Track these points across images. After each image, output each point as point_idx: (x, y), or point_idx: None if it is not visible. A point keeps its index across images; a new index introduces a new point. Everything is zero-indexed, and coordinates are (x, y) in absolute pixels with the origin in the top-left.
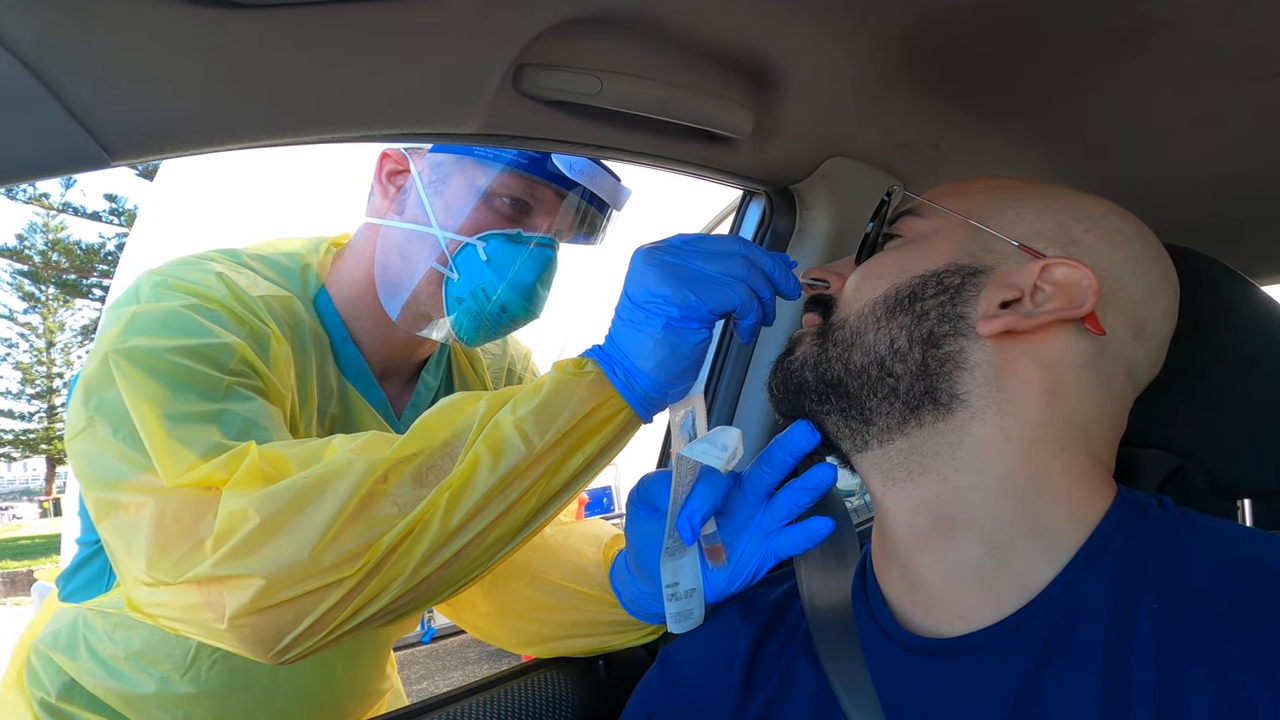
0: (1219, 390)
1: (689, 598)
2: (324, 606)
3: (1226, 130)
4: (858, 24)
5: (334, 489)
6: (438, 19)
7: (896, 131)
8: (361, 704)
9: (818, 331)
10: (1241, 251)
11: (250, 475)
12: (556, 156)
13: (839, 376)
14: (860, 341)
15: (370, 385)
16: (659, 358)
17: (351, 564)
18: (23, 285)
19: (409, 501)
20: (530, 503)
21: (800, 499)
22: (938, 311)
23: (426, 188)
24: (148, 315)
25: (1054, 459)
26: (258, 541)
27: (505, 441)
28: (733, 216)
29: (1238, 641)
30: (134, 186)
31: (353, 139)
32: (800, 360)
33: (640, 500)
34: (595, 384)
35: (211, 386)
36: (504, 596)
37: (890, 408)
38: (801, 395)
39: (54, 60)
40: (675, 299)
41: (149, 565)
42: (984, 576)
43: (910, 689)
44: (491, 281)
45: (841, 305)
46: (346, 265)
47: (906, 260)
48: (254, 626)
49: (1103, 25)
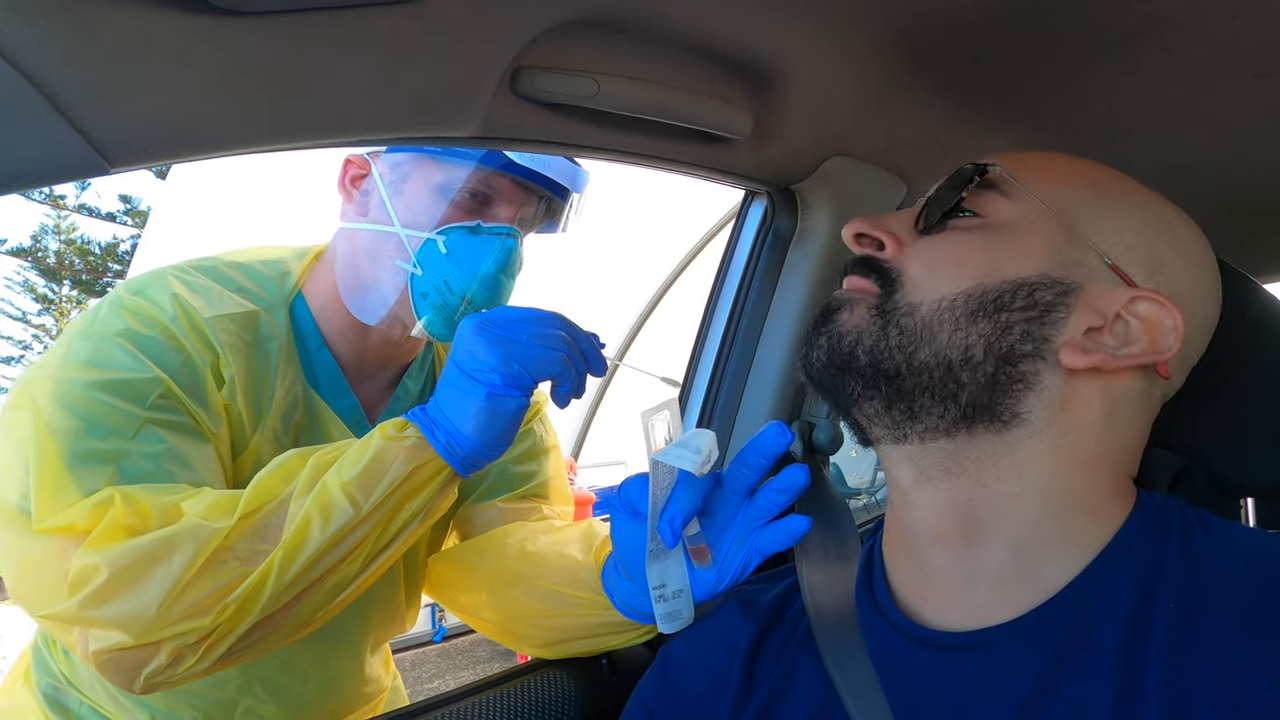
0: (1222, 389)
1: (677, 598)
2: (177, 649)
3: (1230, 128)
4: (856, 25)
5: (181, 550)
6: (434, 23)
7: (898, 130)
8: (340, 703)
9: (876, 307)
10: (1245, 250)
11: (110, 528)
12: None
13: (897, 369)
14: (931, 339)
15: (342, 392)
16: (480, 423)
17: (201, 616)
18: (35, 288)
19: (251, 555)
20: (362, 554)
21: (776, 499)
22: (1023, 328)
23: (387, 188)
24: (84, 344)
25: (1098, 475)
26: (108, 594)
27: (333, 503)
28: (733, 222)
29: (1249, 642)
30: (149, 187)
31: (351, 144)
32: (854, 334)
33: (621, 504)
34: (416, 447)
35: (125, 424)
36: (505, 605)
37: (944, 412)
38: (846, 374)
39: (52, 69)
40: (500, 368)
41: (12, 594)
42: (1004, 577)
43: (919, 683)
44: (453, 274)
45: (909, 284)
46: (322, 271)
47: (996, 255)
48: (116, 662)
49: (1105, 23)
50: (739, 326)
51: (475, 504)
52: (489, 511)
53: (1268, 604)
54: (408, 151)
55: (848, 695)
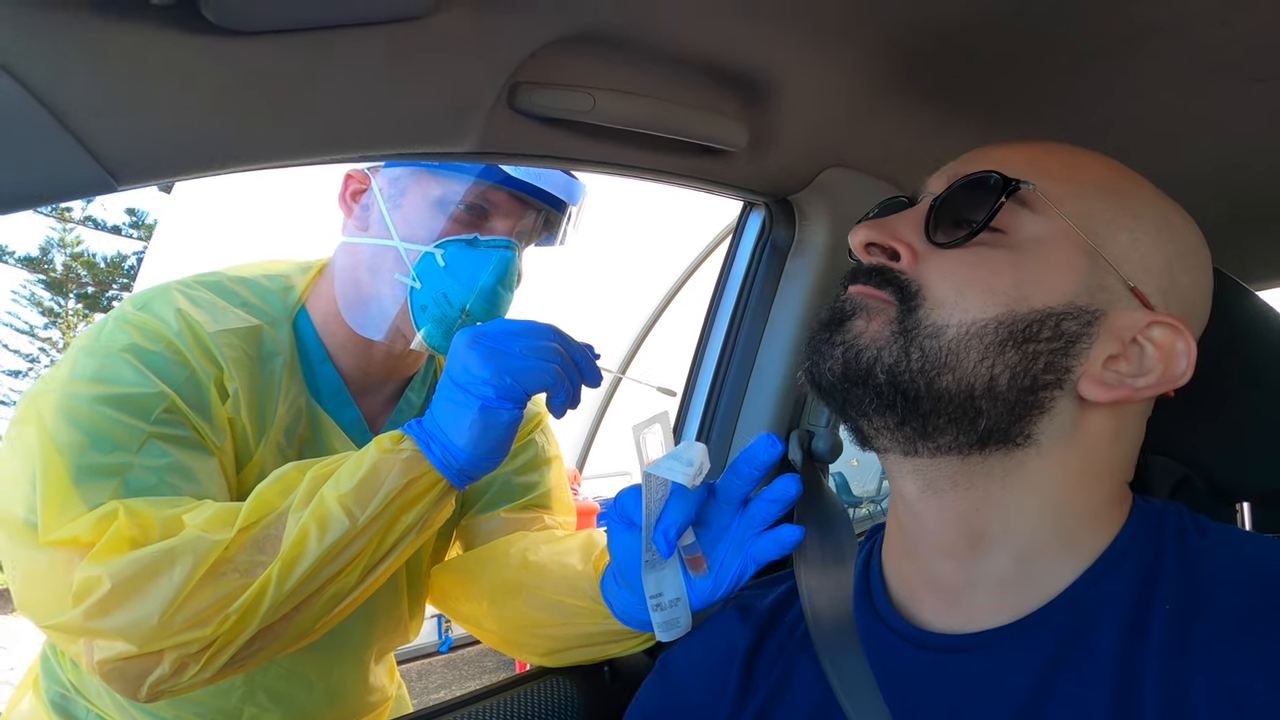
0: (1217, 395)
1: (674, 607)
2: (180, 659)
3: (1223, 134)
4: (845, 35)
5: (181, 562)
6: (435, 41)
7: (894, 141)
8: (344, 712)
9: (897, 322)
10: (1240, 256)
11: (114, 541)
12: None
13: (917, 392)
14: (956, 365)
15: (345, 404)
16: (475, 435)
17: (202, 626)
18: (41, 301)
19: (251, 566)
20: (360, 566)
21: (769, 509)
22: (1048, 359)
23: (386, 202)
24: (89, 359)
25: (1102, 486)
26: (111, 605)
27: (330, 516)
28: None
29: (1244, 644)
30: (155, 201)
31: (352, 159)
32: (872, 350)
33: (616, 515)
34: (411, 459)
35: (129, 439)
36: (506, 614)
37: (958, 435)
38: (859, 388)
39: (61, 88)
40: (493, 380)
41: (19, 605)
42: (1006, 583)
43: (918, 684)
44: (452, 287)
45: (933, 302)
46: (325, 285)
47: (1025, 279)
48: (120, 672)
49: (1097, 31)
50: (738, 336)
51: (478, 514)
52: (492, 522)
53: (1263, 606)
54: (406, 166)
55: (844, 697)
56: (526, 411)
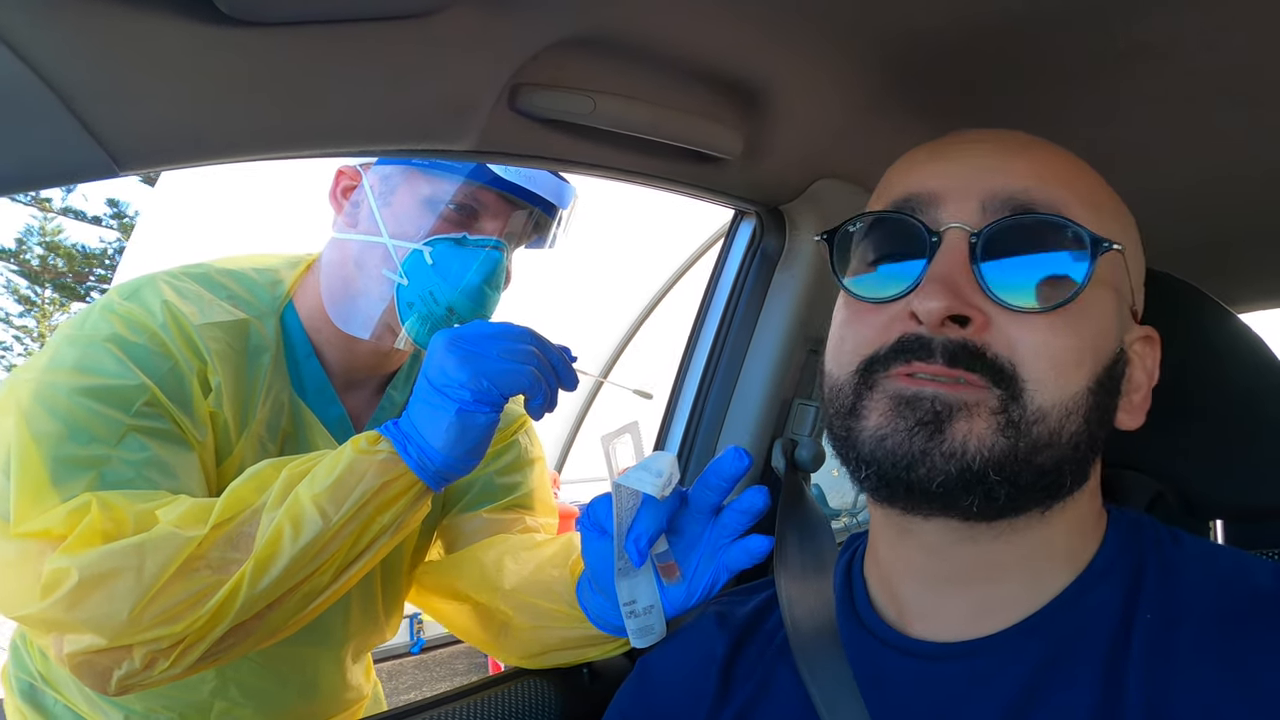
0: (1193, 413)
1: (648, 614)
2: (150, 654)
3: (1213, 154)
4: (839, 46)
5: (152, 557)
6: (440, 39)
7: (885, 154)
8: (319, 708)
9: (1001, 413)
10: (1223, 278)
11: (86, 534)
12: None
13: (1028, 481)
14: (1056, 443)
15: (329, 401)
16: (451, 438)
17: (173, 622)
18: (18, 289)
19: (224, 564)
20: (333, 566)
21: (738, 520)
22: (1109, 403)
23: (376, 199)
24: (71, 348)
25: (1093, 502)
26: (79, 598)
27: (304, 515)
28: (720, 242)
29: (1218, 657)
30: (137, 193)
31: (353, 153)
32: (977, 452)
33: (589, 523)
34: (387, 461)
35: (108, 432)
36: (485, 617)
37: (1039, 504)
38: (967, 494)
39: (68, 72)
40: (470, 384)
41: None
42: (1001, 597)
43: (904, 691)
44: (438, 284)
45: (1034, 385)
46: (312, 281)
47: (1096, 336)
48: (89, 665)
49: (1088, 50)
50: (725, 343)
51: (460, 514)
52: (473, 522)
53: (1236, 616)
54: (397, 164)
55: (823, 705)
56: (510, 412)
